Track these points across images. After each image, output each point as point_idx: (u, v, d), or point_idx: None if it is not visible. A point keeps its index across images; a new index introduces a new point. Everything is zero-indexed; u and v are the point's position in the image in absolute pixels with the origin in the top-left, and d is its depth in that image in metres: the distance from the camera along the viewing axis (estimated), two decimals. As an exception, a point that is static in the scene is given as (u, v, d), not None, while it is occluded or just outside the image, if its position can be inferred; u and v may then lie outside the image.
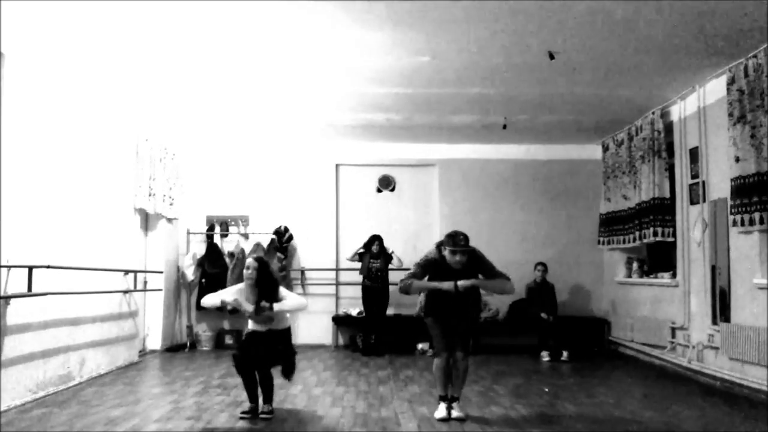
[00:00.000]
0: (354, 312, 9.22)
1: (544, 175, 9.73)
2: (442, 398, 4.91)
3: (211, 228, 9.52)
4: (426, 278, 4.75)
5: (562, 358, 8.16)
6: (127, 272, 7.52)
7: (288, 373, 5.04)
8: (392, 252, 8.75)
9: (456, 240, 4.62)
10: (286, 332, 5.10)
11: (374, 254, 8.69)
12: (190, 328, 9.30)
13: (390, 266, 8.72)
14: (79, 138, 6.40)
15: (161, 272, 8.68)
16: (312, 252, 9.60)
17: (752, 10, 4.73)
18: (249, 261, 5.01)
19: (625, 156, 8.31)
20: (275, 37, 5.42)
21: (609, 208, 8.78)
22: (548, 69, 6.04)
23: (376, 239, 8.72)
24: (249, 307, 4.90)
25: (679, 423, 4.78)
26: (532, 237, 9.59)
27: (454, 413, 4.80)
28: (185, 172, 9.49)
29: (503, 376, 6.76)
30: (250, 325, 5.03)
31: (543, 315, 8.40)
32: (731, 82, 5.80)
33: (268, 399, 4.91)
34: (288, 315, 5.10)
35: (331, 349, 9.19)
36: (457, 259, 4.58)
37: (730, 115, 5.78)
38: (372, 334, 8.65)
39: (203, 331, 9.30)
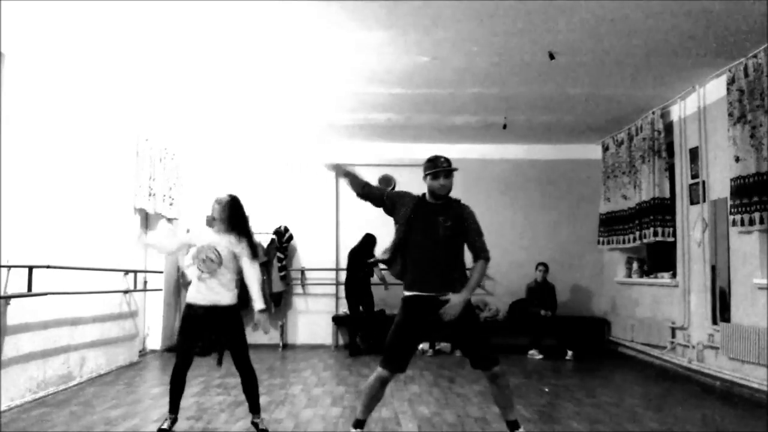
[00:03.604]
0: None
1: (544, 175, 9.73)
2: None
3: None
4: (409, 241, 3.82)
5: (567, 357, 8.24)
6: (127, 272, 7.52)
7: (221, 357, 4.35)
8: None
9: (437, 161, 3.87)
10: (233, 310, 4.23)
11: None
12: (190, 328, 9.29)
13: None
14: (79, 138, 6.40)
15: (161, 272, 8.67)
16: (312, 252, 9.60)
17: (752, 10, 4.74)
18: (221, 197, 4.38)
19: (625, 156, 8.31)
20: (275, 38, 5.43)
21: (609, 208, 8.78)
22: (548, 69, 6.04)
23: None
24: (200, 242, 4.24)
25: (679, 423, 4.78)
26: (532, 237, 9.58)
27: None
28: (185, 172, 9.49)
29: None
30: (192, 293, 4.24)
31: (542, 312, 8.48)
32: (731, 82, 5.80)
33: (255, 407, 4.30)
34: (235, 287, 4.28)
35: (331, 349, 9.19)
36: (441, 182, 3.82)
37: (730, 115, 5.78)
38: (357, 331, 8.73)
39: (203, 331, 9.29)
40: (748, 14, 4.81)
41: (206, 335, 4.32)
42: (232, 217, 4.38)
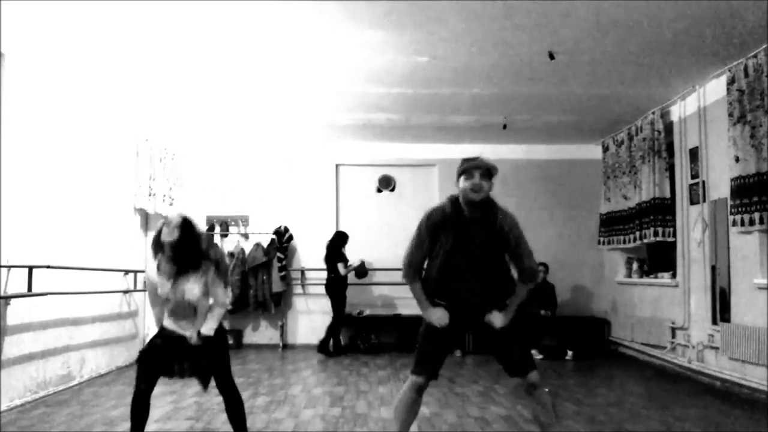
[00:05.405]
0: (354, 312, 9.23)
1: (544, 175, 9.72)
2: None
3: (211, 228, 9.51)
4: (437, 255, 3.47)
5: (567, 357, 8.27)
6: (127, 272, 7.52)
7: (206, 382, 3.67)
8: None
9: (472, 158, 3.42)
10: (217, 334, 3.58)
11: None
12: (190, 328, 9.28)
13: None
14: (80, 138, 6.41)
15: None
16: (312, 252, 9.58)
17: (752, 10, 4.74)
18: (171, 216, 3.50)
19: (625, 156, 8.31)
20: (275, 38, 5.42)
21: (609, 208, 8.78)
22: (548, 69, 6.04)
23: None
24: (165, 288, 3.49)
25: (679, 423, 4.77)
26: (531, 237, 9.34)
27: None
28: (185, 172, 9.49)
29: (503, 376, 6.69)
30: (167, 321, 3.64)
31: (542, 312, 8.49)
32: (731, 82, 5.80)
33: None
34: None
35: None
36: (475, 181, 3.33)
37: (730, 115, 5.78)
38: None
39: (203, 331, 9.28)
40: (748, 14, 4.81)
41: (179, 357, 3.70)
42: (191, 253, 3.49)
